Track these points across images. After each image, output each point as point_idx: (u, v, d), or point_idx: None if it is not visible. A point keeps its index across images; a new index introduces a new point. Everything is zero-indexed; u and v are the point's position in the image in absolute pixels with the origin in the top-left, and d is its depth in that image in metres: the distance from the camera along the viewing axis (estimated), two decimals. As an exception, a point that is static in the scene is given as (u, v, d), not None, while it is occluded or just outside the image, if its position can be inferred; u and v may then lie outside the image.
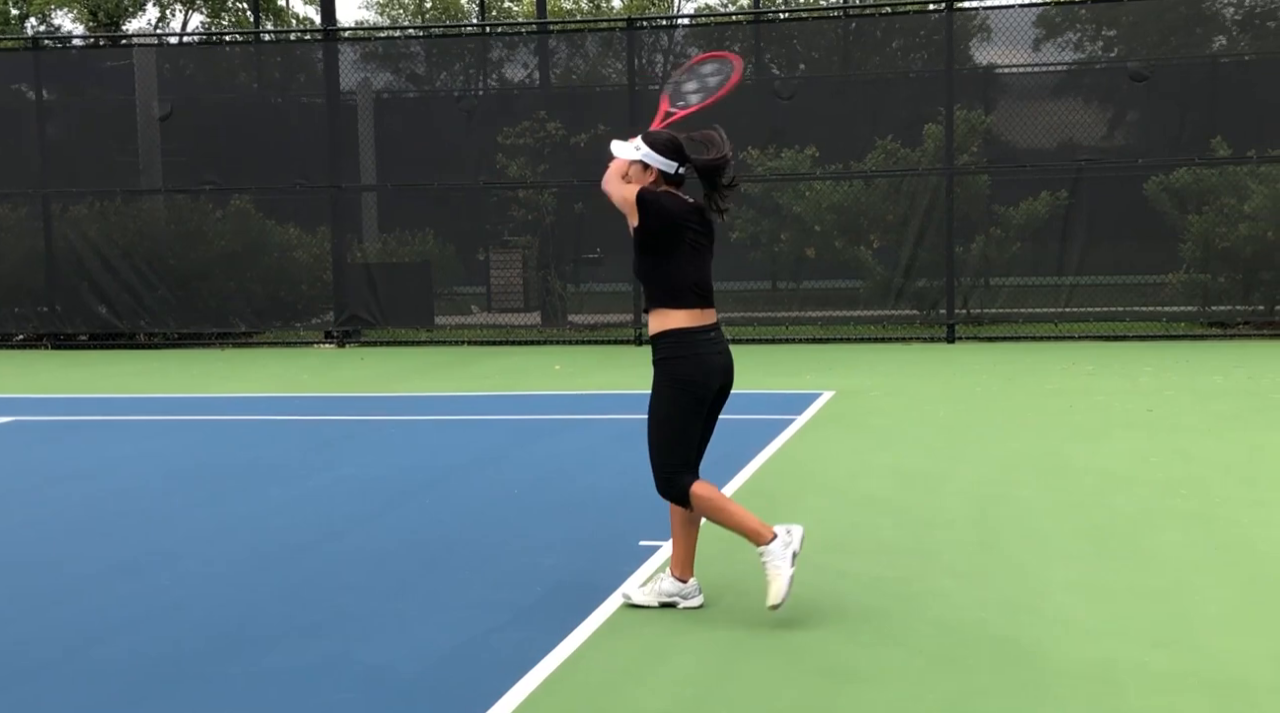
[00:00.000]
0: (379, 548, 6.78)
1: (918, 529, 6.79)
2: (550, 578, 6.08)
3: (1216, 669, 4.64)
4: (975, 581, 5.84)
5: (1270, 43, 18.16)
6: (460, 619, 5.47)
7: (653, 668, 4.86)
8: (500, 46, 19.83)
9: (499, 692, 4.60)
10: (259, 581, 6.24)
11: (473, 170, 18.32)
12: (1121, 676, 4.61)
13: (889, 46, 19.95)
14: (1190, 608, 5.38)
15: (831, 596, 5.65)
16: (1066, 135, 17.62)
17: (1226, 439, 9.20)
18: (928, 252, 16.68)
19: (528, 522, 7.22)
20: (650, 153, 5.39)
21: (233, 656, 5.12)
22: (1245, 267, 16.19)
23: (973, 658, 4.83)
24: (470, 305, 19.60)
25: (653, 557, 6.36)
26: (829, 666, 4.81)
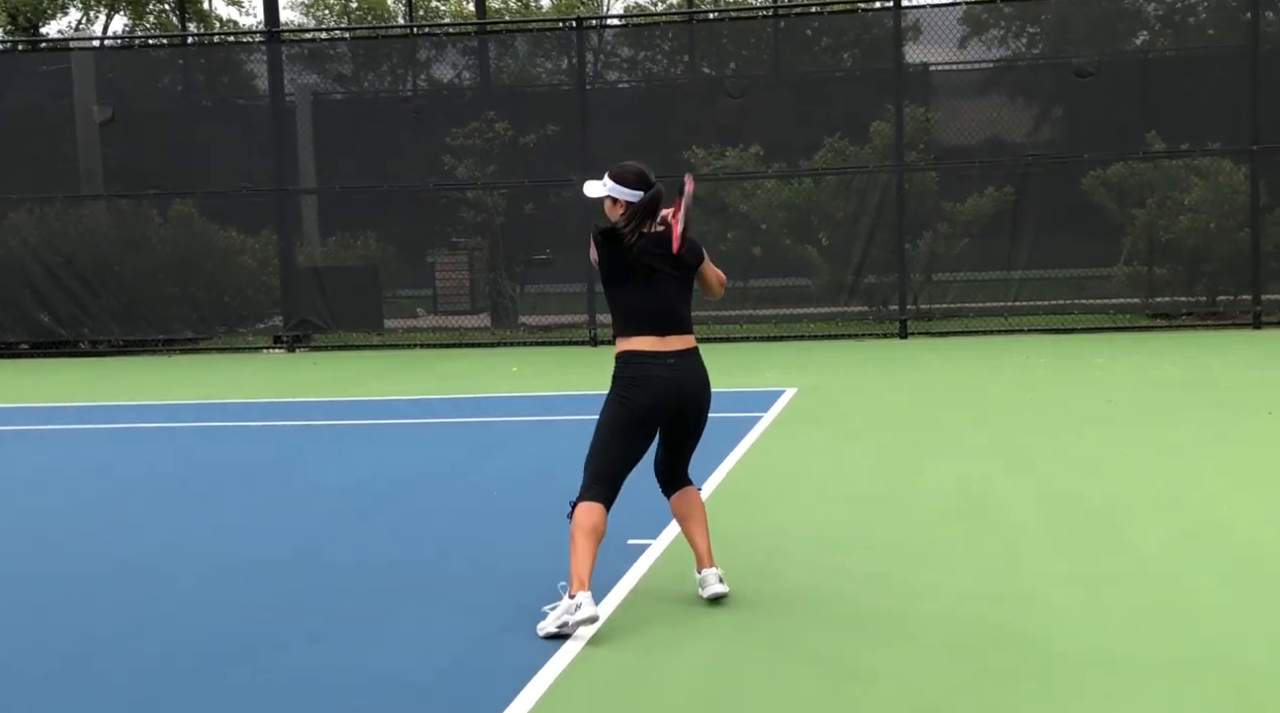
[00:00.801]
0: (366, 554, 6.72)
1: (903, 524, 6.84)
2: (545, 580, 6.04)
3: (1218, 653, 4.72)
4: (968, 573, 5.89)
5: (1191, 38, 18.51)
6: (462, 624, 5.44)
7: (662, 667, 4.86)
8: (429, 47, 19.74)
9: (511, 695, 4.58)
10: (248, 589, 6.16)
11: (418, 172, 18.20)
12: (1127, 662, 4.67)
13: (818, 45, 20.08)
14: (1182, 595, 5.47)
15: (833, 592, 5.68)
16: (1010, 132, 17.86)
17: (1188, 427, 9.36)
18: (878, 249, 16.81)
19: (514, 525, 7.18)
20: (615, 187, 5.47)
21: (237, 663, 5.06)
22: (1188, 259, 16.47)
23: (980, 650, 4.88)
24: (416, 308, 19.48)
25: (643, 555, 6.35)
26: (840, 662, 4.83)
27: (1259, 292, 16.07)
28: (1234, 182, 16.28)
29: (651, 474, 7.62)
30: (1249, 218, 16.15)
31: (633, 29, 20.04)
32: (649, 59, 20.85)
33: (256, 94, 19.20)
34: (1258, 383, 11.42)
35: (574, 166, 17.23)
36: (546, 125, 17.91)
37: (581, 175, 16.93)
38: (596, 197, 5.56)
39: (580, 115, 17.24)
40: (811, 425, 10.04)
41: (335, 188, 18.28)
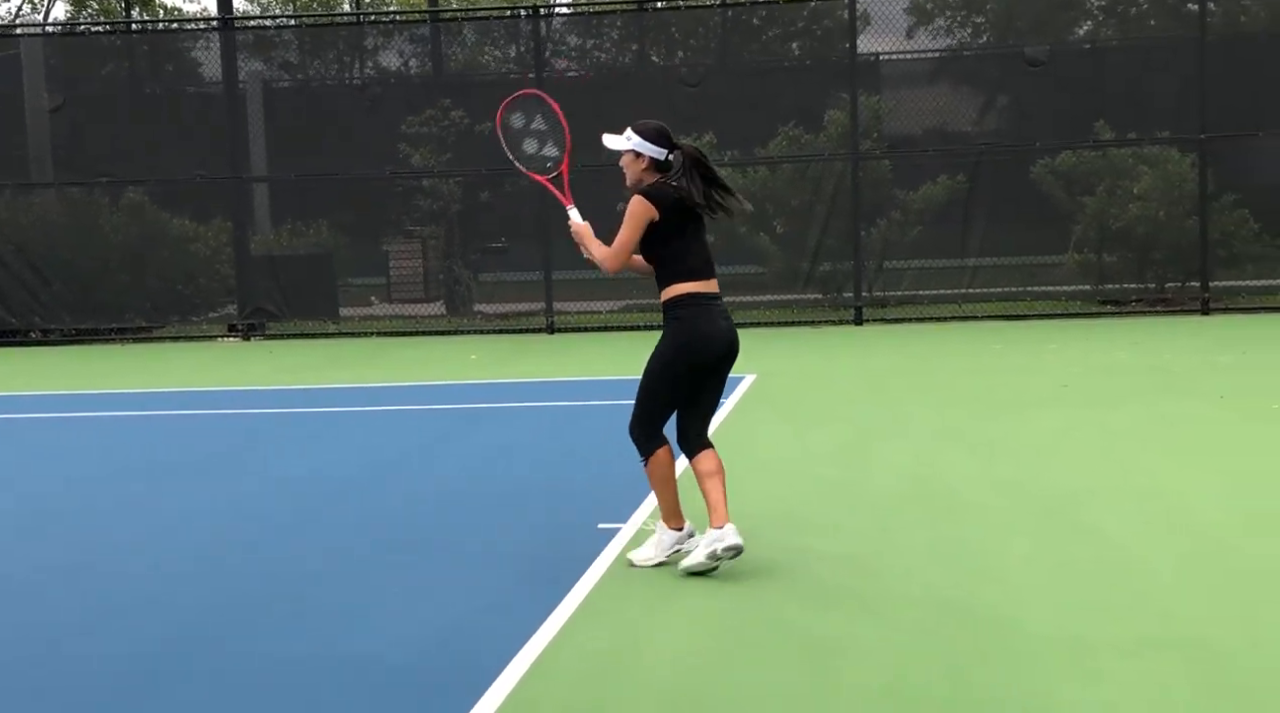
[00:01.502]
0: (335, 541, 6.75)
1: (869, 507, 6.95)
2: (516, 565, 6.11)
3: (1182, 632, 4.85)
4: (935, 556, 6.00)
5: (1140, 28, 18.78)
6: (436, 608, 5.49)
7: (640, 648, 4.94)
8: (377, 34, 19.68)
9: (490, 677, 4.63)
10: (219, 576, 6.18)
11: (373, 160, 18.14)
12: (1094, 641, 4.79)
13: (766, 34, 20.20)
14: (1143, 575, 5.60)
15: (805, 573, 5.78)
16: (961, 121, 18.05)
17: (1141, 412, 9.53)
18: (833, 237, 16.95)
19: (480, 511, 7.23)
20: (641, 142, 5.77)
21: (213, 648, 5.09)
22: (1138, 246, 16.72)
23: (951, 630, 4.98)
24: (370, 297, 19.42)
25: (614, 538, 6.41)
26: (815, 641, 4.92)
27: (1206, 279, 16.34)
28: (1181, 170, 16.54)
29: (614, 461, 7.77)
30: (1197, 206, 16.41)
31: (580, 17, 19.98)
32: (597, 48, 20.90)
33: (206, 82, 19.07)
34: (1207, 368, 11.64)
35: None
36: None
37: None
38: (617, 148, 5.81)
39: (536, 103, 17.22)
40: (772, 411, 10.14)
41: (291, 176, 18.17)
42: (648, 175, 5.81)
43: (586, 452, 8.80)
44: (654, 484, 5.94)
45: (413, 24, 19.75)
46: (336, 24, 19.80)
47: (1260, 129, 16.44)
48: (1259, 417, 9.13)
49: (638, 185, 5.82)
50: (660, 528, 5.97)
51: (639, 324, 16.97)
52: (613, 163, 6.11)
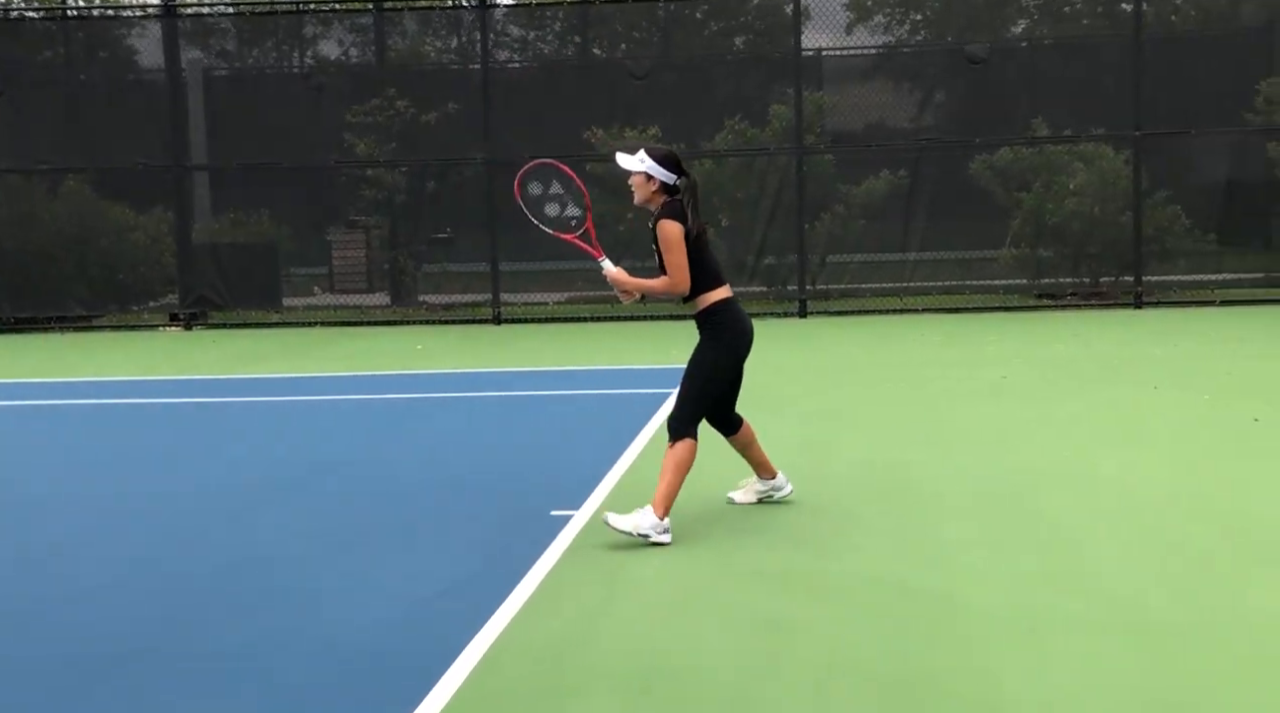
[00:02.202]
0: (291, 528, 6.79)
1: (819, 491, 7.09)
2: (473, 551, 6.19)
3: (1126, 612, 5.01)
4: (885, 537, 6.15)
5: (1078, 27, 19.11)
6: (391, 594, 5.55)
7: (595, 631, 5.03)
8: (317, 23, 19.63)
9: (447, 661, 4.69)
10: (168, 566, 6.19)
11: (316, 149, 18.09)
12: (1040, 621, 4.94)
13: (707, 29, 20.35)
14: (1088, 557, 5.77)
15: (759, 557, 5.90)
16: (902, 117, 18.30)
17: (1080, 400, 9.76)
18: (778, 230, 17.12)
19: (432, 499, 7.28)
20: (654, 166, 6.18)
21: (174, 635, 5.12)
22: (1073, 241, 17.03)
23: (900, 609, 5.12)
24: (313, 287, 19.36)
25: (567, 525, 6.50)
26: (767, 619, 5.05)
27: (1140, 273, 16.67)
28: (1115, 167, 16.87)
29: (564, 450, 7.88)
30: (1131, 202, 16.74)
31: (522, 9, 20.00)
32: (539, 39, 20.96)
33: (144, 69, 18.91)
34: (1142, 359, 11.91)
35: (476, 145, 17.29)
36: (448, 104, 17.93)
37: (485, 154, 17.08)
38: (632, 170, 6.18)
39: (483, 94, 17.27)
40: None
41: (234, 164, 18.06)
42: (656, 197, 6.22)
43: (537, 441, 8.88)
44: (672, 468, 6.18)
45: (355, 13, 19.67)
46: (278, 12, 19.66)
47: (1192, 127, 16.79)
48: (1192, 406, 9.38)
49: (646, 205, 6.26)
50: (646, 511, 6.14)
51: (585, 316, 17.06)
52: (567, 154, 6.31)
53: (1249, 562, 5.63)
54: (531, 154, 17.51)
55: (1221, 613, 4.97)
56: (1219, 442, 8.14)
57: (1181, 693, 4.26)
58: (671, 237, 6.14)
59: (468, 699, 4.38)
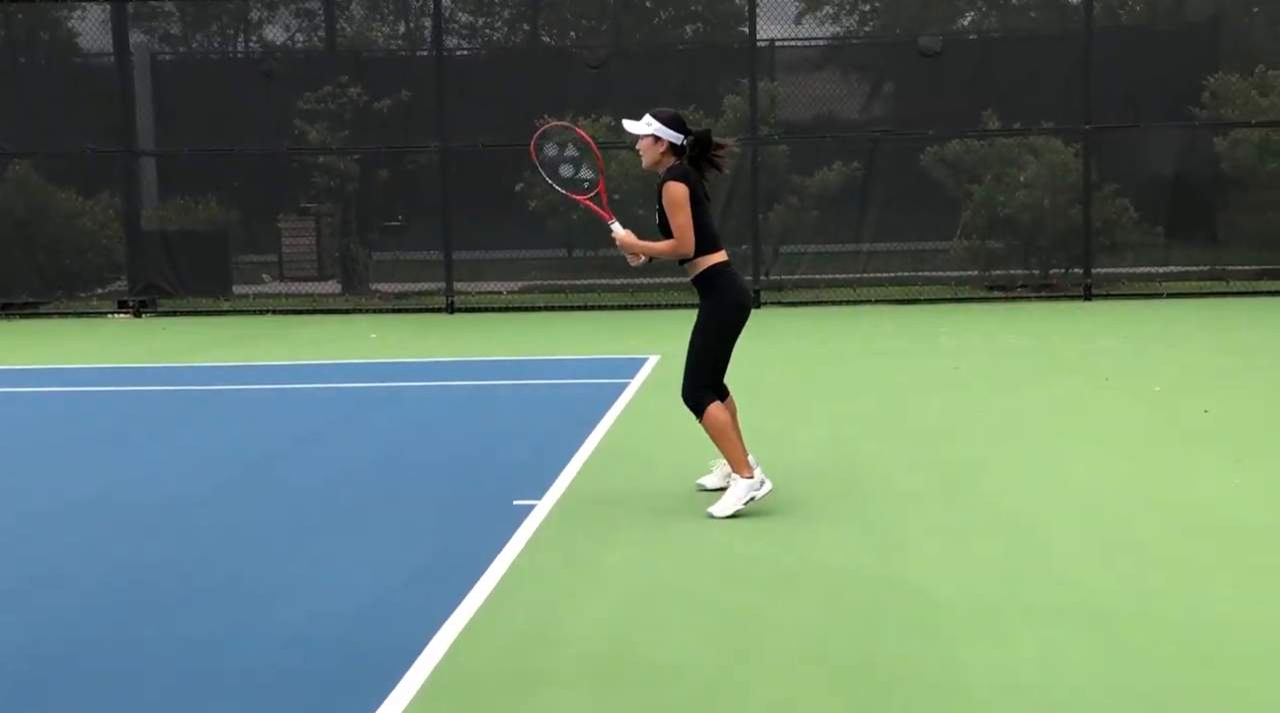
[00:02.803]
0: (250, 516, 6.77)
1: (781, 482, 7.12)
2: (435, 540, 6.20)
3: (1085, 600, 5.10)
4: (846, 528, 6.21)
5: (1028, 20, 19.29)
6: (356, 583, 5.55)
7: (562, 621, 5.05)
8: (262, 7, 19.49)
9: (415, 650, 4.71)
10: (135, 550, 6.18)
11: (267, 135, 17.95)
12: (1002, 610, 5.02)
13: (657, 18, 20.37)
14: (1046, 546, 5.86)
15: (722, 548, 5.94)
16: (854, 109, 18.43)
17: (1033, 391, 9.88)
18: (732, 220, 17.17)
19: (393, 488, 7.28)
20: (661, 127, 6.30)
21: (139, 621, 5.11)
22: (1024, 234, 17.20)
23: (863, 599, 5.19)
24: (262, 274, 19.17)
25: (531, 515, 6.51)
26: (735, 612, 5.09)
27: (1090, 265, 16.87)
28: (1064, 160, 17.04)
29: (524, 439, 7.92)
30: (1081, 195, 16.92)
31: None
32: (488, 26, 20.87)
33: (88, 53, 18.67)
34: (1094, 351, 12.06)
35: (430, 132, 17.22)
36: (401, 91, 17.84)
37: (438, 141, 17.01)
38: (638, 133, 6.33)
39: (437, 82, 17.20)
40: (678, 390, 10.27)
41: (185, 150, 17.86)
42: (665, 158, 6.34)
43: (497, 431, 8.88)
44: (716, 438, 6.40)
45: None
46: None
47: (1141, 121, 17.00)
48: (1142, 397, 9.52)
49: (654, 168, 6.36)
50: (736, 482, 6.36)
51: (539, 305, 17.05)
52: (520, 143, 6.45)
53: (1203, 551, 5.73)
54: (485, 143, 17.64)
55: (1177, 601, 5.07)
56: (1171, 433, 8.28)
57: (1141, 679, 4.35)
58: (677, 197, 6.22)
59: (437, 688, 4.40)
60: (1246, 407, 9.07)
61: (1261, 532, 6.00)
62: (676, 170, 6.30)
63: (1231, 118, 17.07)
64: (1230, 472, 7.07)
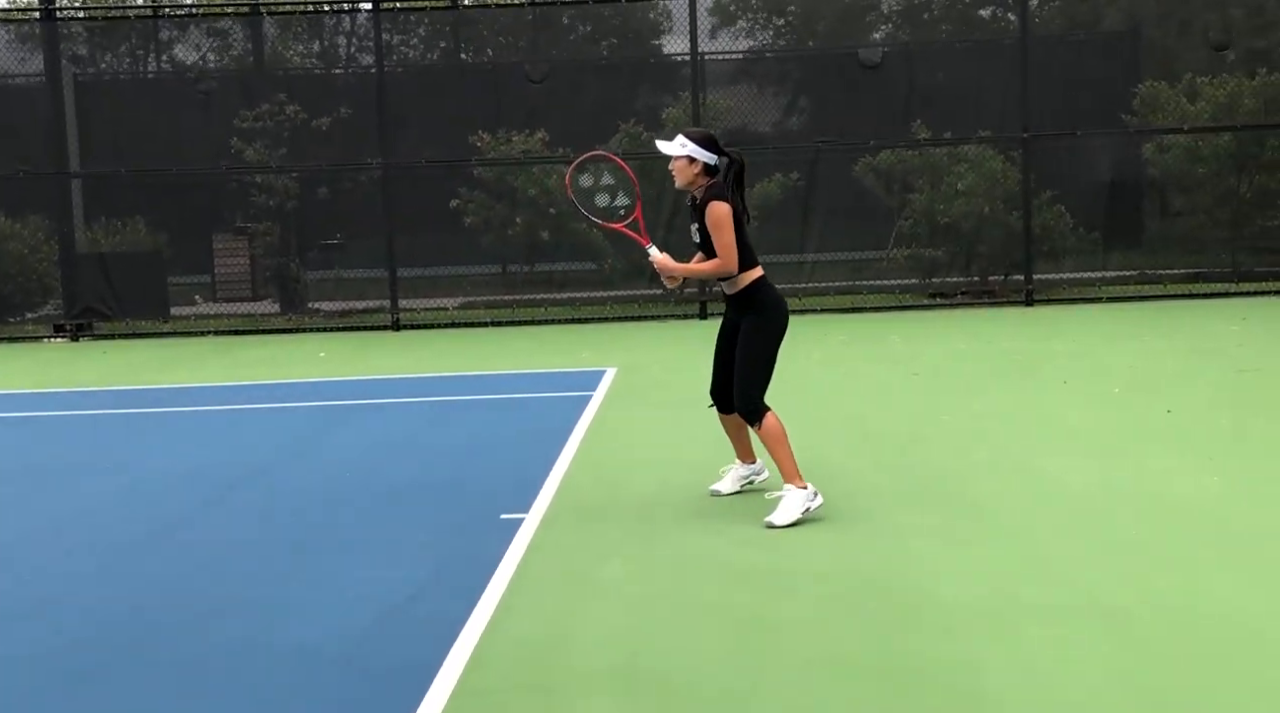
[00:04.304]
0: (237, 537, 6.67)
1: (755, 491, 7.15)
2: (429, 556, 6.15)
3: (1091, 599, 5.17)
4: (836, 534, 6.24)
5: (927, 33, 19.59)
6: (358, 601, 5.49)
7: (574, 633, 5.03)
8: (173, 27, 19.29)
9: (434, 666, 4.67)
10: (125, 573, 6.08)
11: (199, 155, 17.74)
12: (1009, 611, 5.07)
13: (574, 33, 20.40)
14: (1040, 547, 5.93)
15: (715, 556, 5.95)
16: (794, 121, 18.59)
17: (995, 396, 10.01)
18: (676, 233, 17.21)
19: (376, 507, 7.19)
20: (696, 149, 6.42)
21: (143, 642, 5.02)
22: (964, 241, 17.43)
23: (870, 603, 5.21)
24: (195, 295, 18.89)
25: (520, 528, 6.48)
26: (743, 619, 5.10)
27: (1030, 272, 17.12)
28: (998, 168, 17.28)
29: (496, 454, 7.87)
30: (1018, 202, 17.19)
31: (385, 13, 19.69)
32: (404, 44, 20.76)
33: (12, 74, 18.35)
34: (1045, 354, 12.23)
35: (369, 150, 17.12)
36: (340, 109, 17.72)
37: (379, 158, 16.90)
38: (674, 155, 6.44)
39: (378, 99, 17.10)
40: (643, 401, 10.31)
41: (122, 170, 17.57)
42: (700, 179, 6.47)
43: (467, 446, 8.82)
44: (772, 446, 6.46)
45: (243, 15, 19.25)
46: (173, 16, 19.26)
47: (1077, 129, 17.31)
48: (1103, 399, 9.68)
49: (688, 188, 6.51)
50: (789, 489, 6.42)
51: (485, 321, 16.98)
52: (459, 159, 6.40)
53: (1198, 548, 5.84)
54: (428, 159, 17.53)
55: (1182, 598, 5.15)
56: (1140, 433, 8.41)
57: (1158, 675, 4.42)
58: (721, 217, 6.35)
59: (465, 700, 4.36)
60: (1204, 406, 9.25)
61: (1250, 527, 6.12)
62: (716, 189, 6.42)
63: (1163, 124, 17.44)
64: (1205, 470, 7.20)
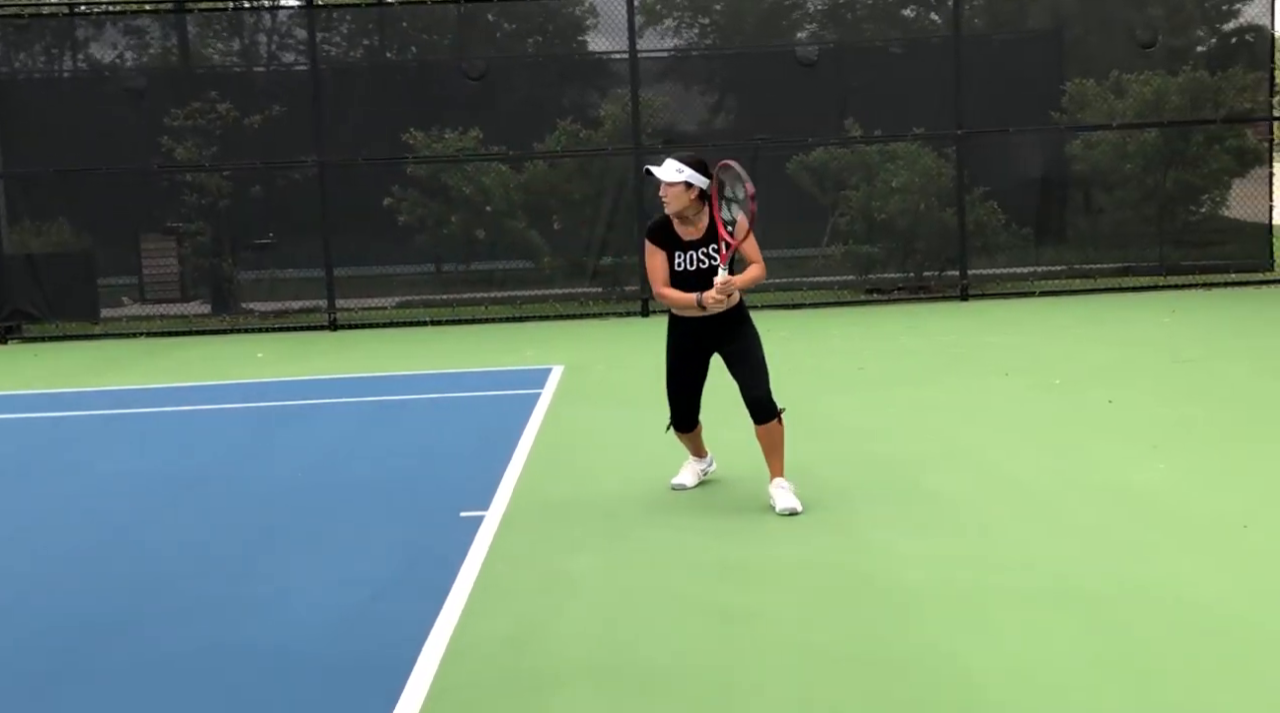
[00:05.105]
0: (195, 537, 6.60)
1: (719, 485, 7.20)
2: (393, 554, 6.12)
3: (1057, 584, 5.26)
4: (802, 525, 6.30)
5: (850, 32, 19.78)
6: (328, 597, 5.46)
7: (549, 625, 5.04)
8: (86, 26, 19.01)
9: (410, 657, 4.67)
10: (86, 575, 6.00)
11: (125, 153, 17.49)
12: (980, 597, 5.14)
13: (500, 31, 20.37)
14: (1000, 535, 6.02)
15: (682, 549, 5.98)
16: (729, 118, 18.71)
17: (940, 388, 10.12)
18: (616, 231, 17.25)
19: (332, 505, 7.15)
20: (693, 174, 6.47)
21: (110, 644, 4.96)
22: (900, 237, 17.61)
23: (844, 593, 5.27)
24: (122, 297, 18.58)
25: (481, 526, 6.46)
26: (719, 608, 5.13)
27: (965, 267, 17.33)
28: (930, 164, 17.47)
29: (447, 452, 7.83)
30: (951, 198, 17.39)
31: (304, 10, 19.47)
32: (326, 41, 20.60)
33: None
34: (984, 348, 12.40)
35: (303, 148, 16.96)
36: (273, 106, 17.53)
37: (317, 157, 16.74)
38: (669, 181, 6.44)
39: (314, 97, 16.94)
40: (594, 399, 10.31)
41: (50, 171, 17.26)
42: (694, 203, 6.49)
43: (419, 445, 8.76)
44: (780, 442, 6.64)
45: (165, 12, 18.96)
46: (90, 13, 18.93)
47: (1009, 126, 17.55)
48: (1045, 390, 9.82)
49: (682, 212, 6.52)
50: (786, 483, 6.62)
51: (424, 320, 16.88)
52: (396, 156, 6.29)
53: (1152, 534, 5.95)
54: (366, 157, 17.40)
55: (1143, 581, 5.27)
56: (1084, 423, 8.54)
57: (1129, 655, 4.51)
58: (746, 225, 6.50)
59: (444, 695, 4.35)
60: (1143, 397, 9.42)
61: (1202, 512, 6.26)
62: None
63: (1092, 121, 17.73)
64: (1152, 459, 7.34)
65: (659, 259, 6.62)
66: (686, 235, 6.61)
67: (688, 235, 6.61)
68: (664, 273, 6.62)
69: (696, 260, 6.60)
